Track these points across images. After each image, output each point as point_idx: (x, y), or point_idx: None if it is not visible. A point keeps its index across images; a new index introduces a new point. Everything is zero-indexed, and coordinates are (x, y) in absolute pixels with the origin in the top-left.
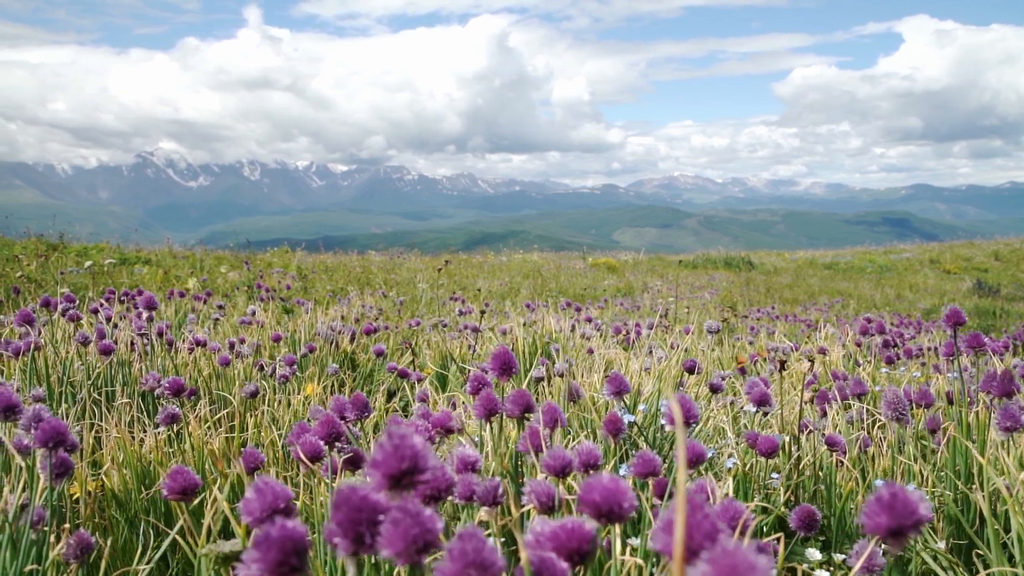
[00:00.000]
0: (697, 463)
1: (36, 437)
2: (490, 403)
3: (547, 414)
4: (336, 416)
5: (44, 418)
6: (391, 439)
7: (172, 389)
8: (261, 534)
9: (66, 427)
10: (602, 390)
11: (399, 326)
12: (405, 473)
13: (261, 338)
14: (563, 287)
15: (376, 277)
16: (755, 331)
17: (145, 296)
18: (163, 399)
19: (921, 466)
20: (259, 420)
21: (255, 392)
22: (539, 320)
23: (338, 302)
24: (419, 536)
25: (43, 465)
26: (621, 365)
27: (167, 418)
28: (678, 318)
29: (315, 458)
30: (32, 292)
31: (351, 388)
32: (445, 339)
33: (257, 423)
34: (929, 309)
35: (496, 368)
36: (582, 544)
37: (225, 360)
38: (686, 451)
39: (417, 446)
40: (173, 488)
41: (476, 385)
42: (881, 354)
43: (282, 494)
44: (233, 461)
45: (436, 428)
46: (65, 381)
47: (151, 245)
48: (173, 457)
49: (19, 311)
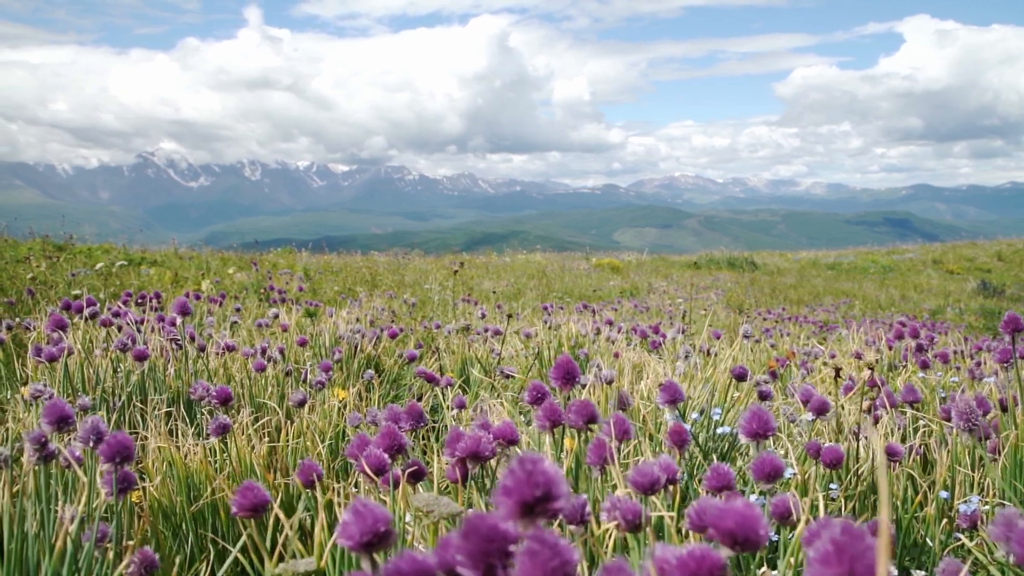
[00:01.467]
0: (775, 477)
1: (102, 452)
2: (554, 413)
3: (617, 425)
4: (394, 423)
5: (102, 430)
6: (523, 465)
7: (220, 398)
8: (392, 568)
9: (132, 442)
10: (656, 398)
11: (414, 328)
12: (539, 501)
13: (285, 341)
14: (568, 288)
15: (384, 278)
16: (769, 333)
17: (179, 301)
18: (204, 406)
19: (979, 475)
20: (301, 427)
21: (303, 401)
22: (563, 323)
23: (349, 304)
24: (558, 568)
25: (106, 480)
26: (654, 370)
27: (218, 428)
28: (693, 320)
29: (380, 471)
30: (44, 294)
31: (380, 394)
32: (466, 342)
33: (299, 431)
34: (934, 310)
35: (558, 377)
36: (714, 573)
37: (261, 366)
38: (886, 490)
39: (550, 472)
40: (243, 505)
41: (536, 394)
42: (915, 359)
43: (382, 517)
44: (278, 472)
45: (499, 439)
46: (100, 387)
47: (154, 245)
48: (219, 467)
49: (52, 316)
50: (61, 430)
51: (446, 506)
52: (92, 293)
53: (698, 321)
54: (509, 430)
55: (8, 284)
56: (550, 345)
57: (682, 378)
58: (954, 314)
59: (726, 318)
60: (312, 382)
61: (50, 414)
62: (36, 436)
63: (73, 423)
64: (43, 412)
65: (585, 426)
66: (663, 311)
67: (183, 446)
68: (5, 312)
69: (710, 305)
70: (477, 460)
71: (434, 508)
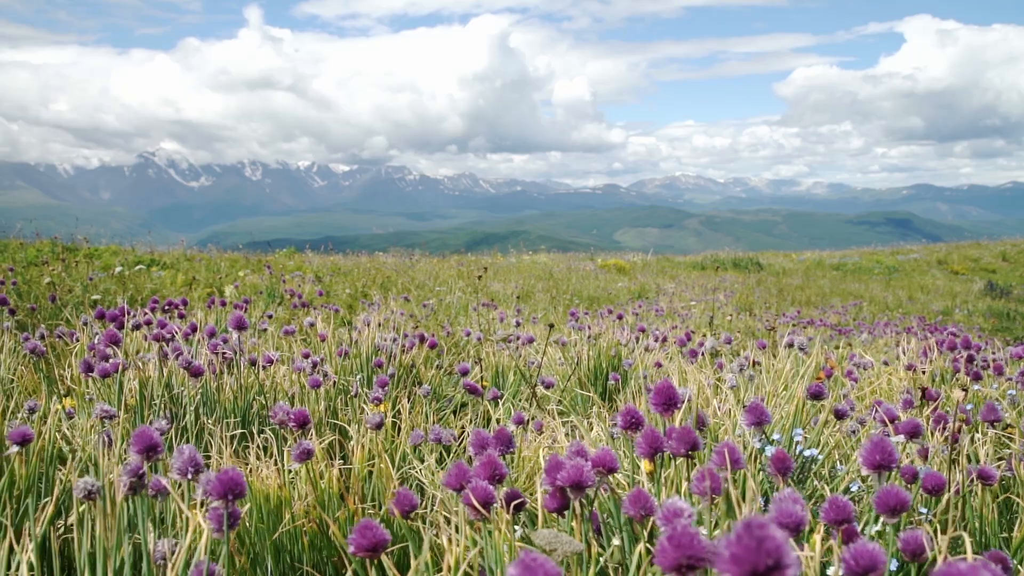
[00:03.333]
0: (899, 511)
1: (214, 489)
2: (655, 441)
3: (729, 455)
4: (479, 451)
5: (199, 462)
6: (750, 530)
7: (297, 421)
8: None
9: (243, 478)
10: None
11: (436, 334)
12: (769, 570)
13: (323, 351)
14: (577, 290)
15: (397, 280)
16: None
17: (235, 316)
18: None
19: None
20: (375, 449)
21: (380, 423)
22: (603, 332)
23: (366, 307)
24: None
25: (212, 516)
26: (696, 380)
27: (302, 454)
28: (718, 326)
29: (487, 504)
30: (62, 298)
31: (421, 408)
32: (493, 349)
33: (369, 453)
34: (942, 311)
35: (659, 403)
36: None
37: (316, 382)
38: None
39: (779, 539)
40: (362, 544)
41: (629, 419)
42: (967, 369)
43: (552, 572)
44: (355, 497)
45: (597, 467)
46: (159, 405)
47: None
48: (295, 493)
49: (106, 331)
50: (149, 458)
51: (568, 544)
52: (110, 297)
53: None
54: (608, 458)
55: (24, 288)
56: (589, 354)
57: (735, 392)
58: (963, 315)
59: (738, 320)
60: (370, 397)
61: (139, 442)
62: (134, 468)
63: (162, 451)
64: (132, 440)
65: (687, 454)
66: (676, 313)
67: (254, 469)
68: (27, 317)
69: (720, 307)
70: (580, 490)
71: (556, 547)
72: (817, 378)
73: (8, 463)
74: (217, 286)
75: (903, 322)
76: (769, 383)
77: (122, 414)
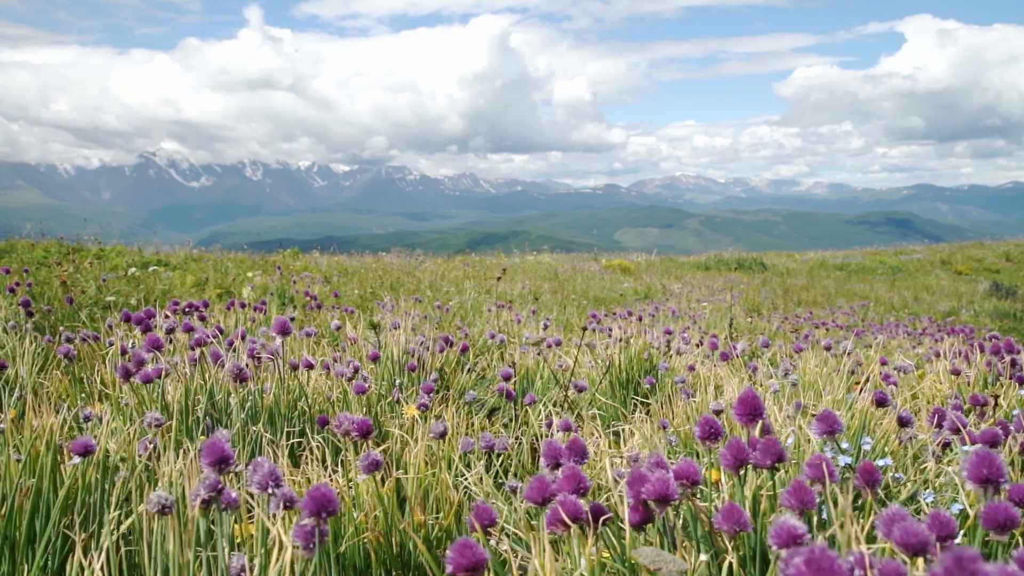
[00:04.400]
0: (1009, 527)
1: (306, 506)
2: (741, 452)
3: (816, 468)
4: (553, 463)
5: (278, 475)
6: (815, 563)
7: (360, 431)
8: None
9: (335, 495)
10: (808, 428)
11: (454, 336)
12: None
13: (354, 355)
14: (583, 290)
15: (405, 281)
16: (807, 338)
17: (278, 321)
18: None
19: None
20: (435, 454)
21: (444, 432)
22: (635, 334)
23: (379, 309)
24: None
25: (300, 533)
26: (731, 384)
27: (370, 465)
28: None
29: (576, 518)
30: (77, 298)
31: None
32: (517, 351)
33: (428, 461)
34: (949, 311)
35: (743, 413)
36: None
37: (361, 388)
38: None
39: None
40: (461, 564)
41: (708, 430)
42: (1012, 375)
43: None
44: (418, 507)
45: (680, 480)
46: (204, 411)
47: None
48: (355, 504)
49: (148, 337)
50: (221, 471)
51: (672, 563)
52: (124, 298)
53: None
54: (691, 470)
55: (37, 290)
56: (621, 357)
57: (775, 397)
58: (970, 316)
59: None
60: (417, 403)
61: (210, 454)
62: (212, 482)
63: (233, 463)
64: (203, 452)
65: (772, 466)
66: (686, 314)
67: (315, 480)
68: (42, 319)
69: (728, 307)
70: (665, 503)
71: (661, 566)
72: (857, 383)
73: (67, 474)
74: (228, 287)
75: (913, 323)
76: (809, 388)
77: (169, 421)
